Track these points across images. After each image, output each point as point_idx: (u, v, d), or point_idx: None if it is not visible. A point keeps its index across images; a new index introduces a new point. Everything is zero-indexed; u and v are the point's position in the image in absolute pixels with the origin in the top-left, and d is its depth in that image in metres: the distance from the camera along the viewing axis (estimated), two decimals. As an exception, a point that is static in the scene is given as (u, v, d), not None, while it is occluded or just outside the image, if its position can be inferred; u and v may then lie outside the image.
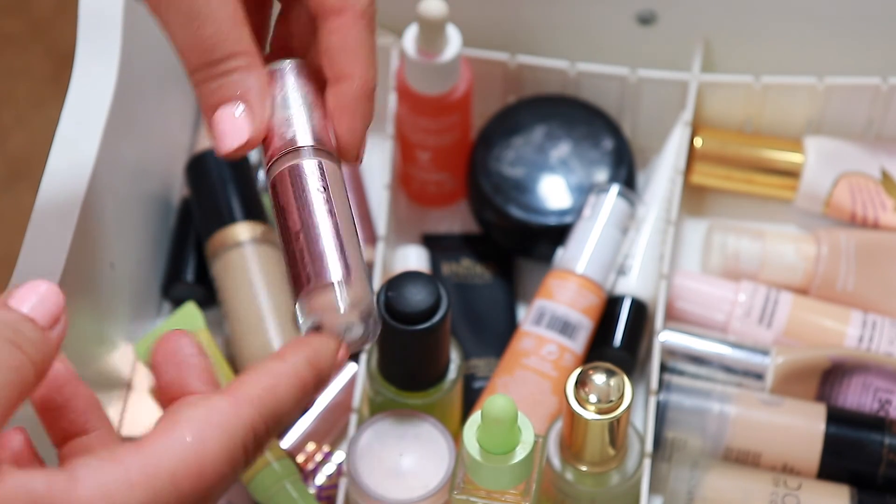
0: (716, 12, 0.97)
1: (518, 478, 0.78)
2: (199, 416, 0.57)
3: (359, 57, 0.66)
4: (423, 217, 1.01)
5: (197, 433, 0.56)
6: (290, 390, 0.60)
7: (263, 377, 0.60)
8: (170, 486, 0.55)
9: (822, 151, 0.98)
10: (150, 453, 0.55)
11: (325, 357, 0.62)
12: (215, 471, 0.56)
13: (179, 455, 0.56)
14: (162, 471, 0.55)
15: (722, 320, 0.93)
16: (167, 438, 0.56)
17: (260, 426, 0.58)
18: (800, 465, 0.86)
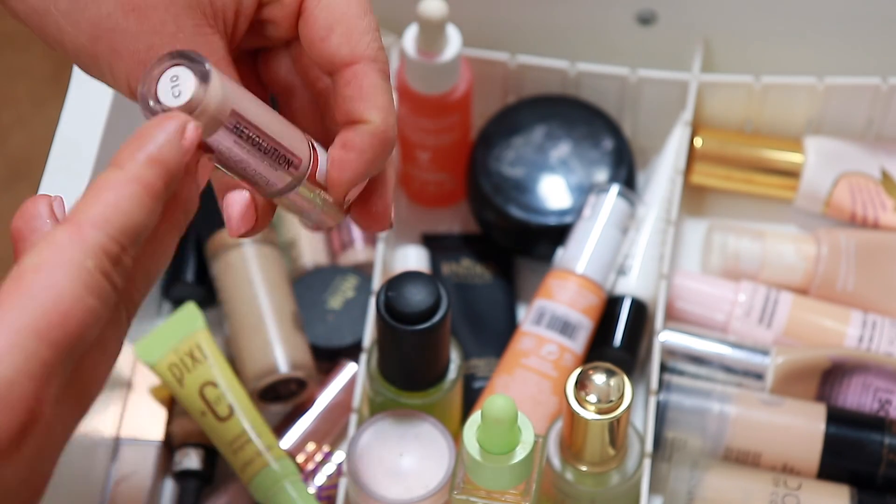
0: (716, 12, 0.97)
1: (518, 478, 0.78)
2: (41, 260, 0.54)
3: (374, 104, 0.65)
4: (423, 217, 1.01)
5: (43, 279, 0.53)
6: (133, 198, 0.55)
7: (102, 193, 0.56)
8: (39, 344, 0.53)
9: (822, 151, 0.98)
10: (10, 316, 0.53)
11: (167, 148, 0.57)
12: (79, 307, 0.53)
13: (37, 307, 0.53)
14: (24, 331, 0.53)
15: (722, 320, 0.93)
16: (17, 297, 0.53)
17: (111, 246, 0.54)
18: (800, 465, 0.86)
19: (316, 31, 0.65)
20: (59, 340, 0.53)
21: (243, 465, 0.85)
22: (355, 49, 0.64)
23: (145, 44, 0.63)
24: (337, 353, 0.93)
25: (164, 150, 0.57)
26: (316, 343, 0.93)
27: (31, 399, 0.52)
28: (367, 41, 0.65)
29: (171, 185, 0.57)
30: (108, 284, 0.54)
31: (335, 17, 0.65)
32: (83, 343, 0.54)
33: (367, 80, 0.64)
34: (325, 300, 0.94)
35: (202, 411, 0.86)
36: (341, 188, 0.65)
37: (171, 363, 0.88)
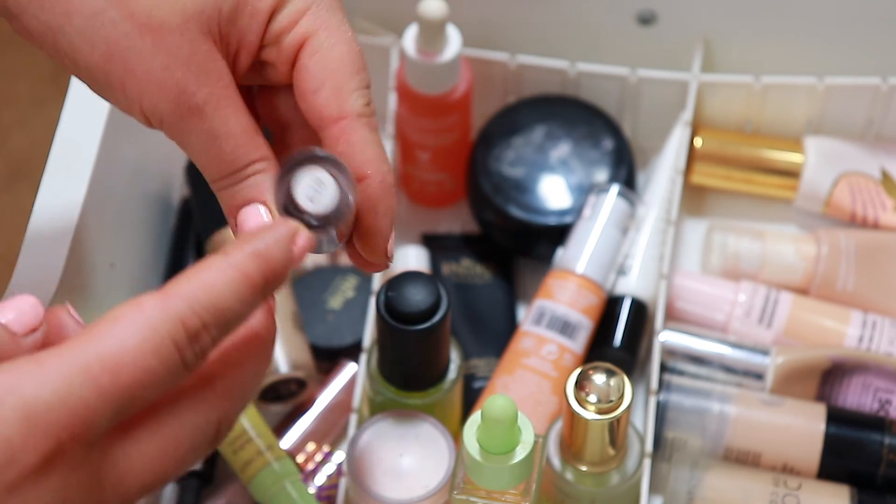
0: (716, 12, 0.97)
1: (518, 478, 0.78)
2: (121, 314, 0.54)
3: (367, 157, 0.66)
4: (423, 217, 1.01)
5: (113, 329, 0.54)
6: (229, 283, 0.56)
7: (200, 272, 0.56)
8: (85, 381, 0.52)
9: (822, 151, 0.98)
10: (68, 352, 0.53)
11: (274, 248, 0.58)
12: (137, 365, 0.53)
13: (95, 350, 0.53)
14: (75, 367, 0.53)
15: (722, 320, 0.93)
16: (85, 337, 0.54)
17: (191, 319, 0.54)
18: (800, 465, 0.86)
19: (307, 84, 0.66)
20: (107, 388, 0.53)
21: (243, 464, 0.85)
22: (343, 106, 0.66)
23: (160, 64, 0.64)
24: (337, 353, 0.93)
25: (272, 249, 0.58)
26: (316, 343, 0.93)
27: (62, 430, 0.52)
28: (355, 98, 0.66)
29: (270, 284, 0.57)
30: (177, 355, 0.54)
31: (327, 73, 0.66)
32: (133, 401, 0.53)
33: (356, 135, 0.66)
34: (325, 300, 0.94)
35: None
36: (381, 252, 0.67)
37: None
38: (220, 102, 0.65)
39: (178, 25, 0.64)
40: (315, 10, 0.66)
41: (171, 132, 0.66)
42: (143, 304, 0.55)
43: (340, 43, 0.66)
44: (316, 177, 0.60)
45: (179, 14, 0.64)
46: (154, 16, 0.64)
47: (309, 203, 0.60)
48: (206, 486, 0.90)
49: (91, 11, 0.64)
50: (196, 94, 0.65)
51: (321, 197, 0.60)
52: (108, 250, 0.87)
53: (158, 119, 0.66)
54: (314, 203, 0.60)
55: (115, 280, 0.89)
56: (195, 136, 0.66)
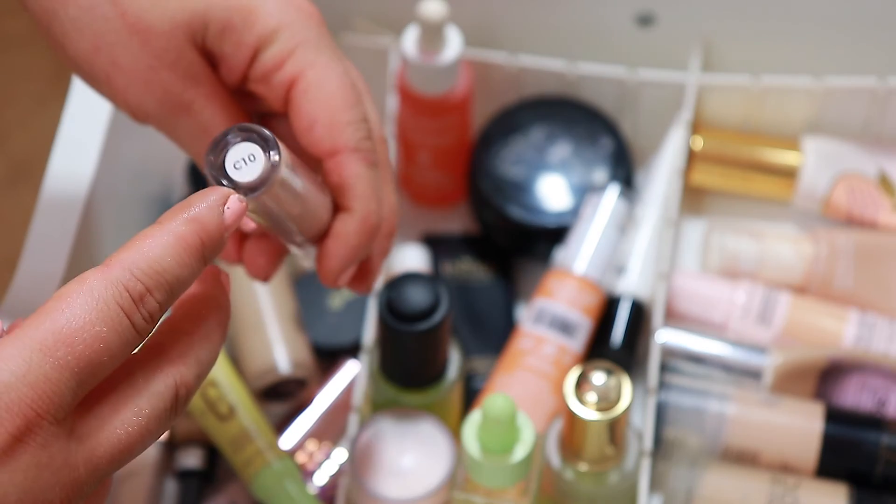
0: (715, 13, 0.98)
1: (517, 477, 0.78)
2: (66, 290, 0.55)
3: (357, 192, 0.68)
4: (423, 217, 1.01)
5: (61, 303, 0.54)
6: (165, 246, 0.56)
7: (137, 241, 0.57)
8: (42, 357, 0.53)
9: (821, 152, 0.98)
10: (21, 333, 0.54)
11: (206, 211, 0.58)
12: (89, 332, 0.54)
13: (46, 326, 0.54)
14: (30, 345, 0.53)
15: (720, 320, 0.93)
16: (34, 316, 0.55)
17: (133, 283, 0.55)
18: (798, 463, 0.86)
19: (301, 121, 0.68)
20: (65, 360, 0.53)
21: (244, 464, 0.85)
22: (337, 141, 0.67)
23: (146, 64, 0.66)
24: (337, 352, 0.93)
25: (203, 212, 0.58)
26: (316, 343, 0.93)
27: (27, 407, 0.52)
28: (350, 132, 0.67)
29: (207, 247, 0.58)
30: (126, 319, 0.55)
31: (320, 110, 0.67)
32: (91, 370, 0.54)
33: (349, 170, 0.67)
34: (325, 300, 0.94)
35: (203, 411, 0.87)
36: (330, 275, 0.68)
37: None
38: (207, 101, 0.67)
39: (166, 31, 0.65)
40: (302, 52, 0.67)
41: (160, 126, 0.68)
42: (86, 277, 0.55)
43: (331, 79, 0.67)
44: (248, 150, 0.60)
45: (168, 21, 0.66)
46: (144, 18, 0.65)
47: (235, 171, 0.60)
48: (207, 485, 0.90)
49: (86, 3, 0.65)
50: (182, 94, 0.66)
51: (249, 168, 0.60)
52: (109, 250, 0.87)
53: (144, 114, 0.67)
54: (241, 173, 0.60)
55: (117, 280, 0.89)
56: (184, 130, 0.67)
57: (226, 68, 0.68)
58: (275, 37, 0.67)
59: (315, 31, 0.68)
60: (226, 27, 0.66)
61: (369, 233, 0.69)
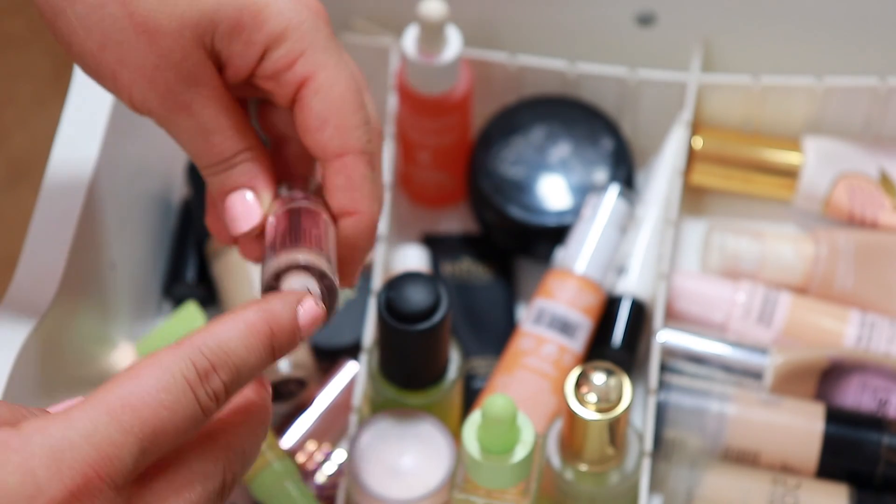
0: (715, 13, 0.98)
1: (518, 477, 0.78)
2: (138, 363, 0.57)
3: (362, 194, 0.69)
4: (423, 217, 1.01)
5: (131, 374, 0.56)
6: (237, 331, 0.59)
7: (210, 325, 0.59)
8: (109, 420, 0.54)
9: (821, 152, 0.98)
10: (92, 399, 0.56)
11: (280, 306, 0.61)
12: (155, 400, 0.56)
13: (115, 393, 0.55)
14: (99, 409, 0.55)
15: (721, 320, 0.93)
16: (106, 386, 0.56)
17: (200, 360, 0.57)
18: (798, 464, 0.86)
19: (310, 121, 0.68)
20: (130, 424, 0.55)
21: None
22: (346, 143, 0.68)
23: (152, 63, 0.66)
24: (337, 352, 0.93)
25: (277, 307, 0.61)
26: (316, 343, 0.93)
27: (88, 466, 0.54)
28: (358, 135, 0.69)
29: (277, 339, 0.60)
30: (191, 392, 0.57)
31: (329, 111, 0.68)
32: (154, 439, 0.56)
33: (356, 171, 0.69)
34: (325, 300, 0.94)
35: None
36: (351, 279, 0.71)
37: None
38: (208, 102, 0.67)
39: (174, 31, 0.66)
40: (311, 54, 0.68)
41: (161, 122, 0.68)
42: (159, 353, 0.58)
43: (340, 81, 0.68)
44: (303, 284, 0.65)
45: (177, 21, 0.66)
46: (151, 18, 0.66)
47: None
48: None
49: (94, 1, 0.66)
50: (184, 93, 0.67)
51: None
52: (108, 250, 0.87)
53: (147, 109, 0.68)
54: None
55: (116, 280, 0.89)
56: (183, 129, 0.68)
57: (233, 67, 0.68)
58: (285, 36, 0.67)
59: (324, 31, 0.68)
60: (235, 26, 0.67)
61: (374, 232, 0.71)
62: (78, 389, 0.83)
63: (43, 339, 0.78)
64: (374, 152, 0.70)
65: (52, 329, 0.79)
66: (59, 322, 0.80)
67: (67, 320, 0.81)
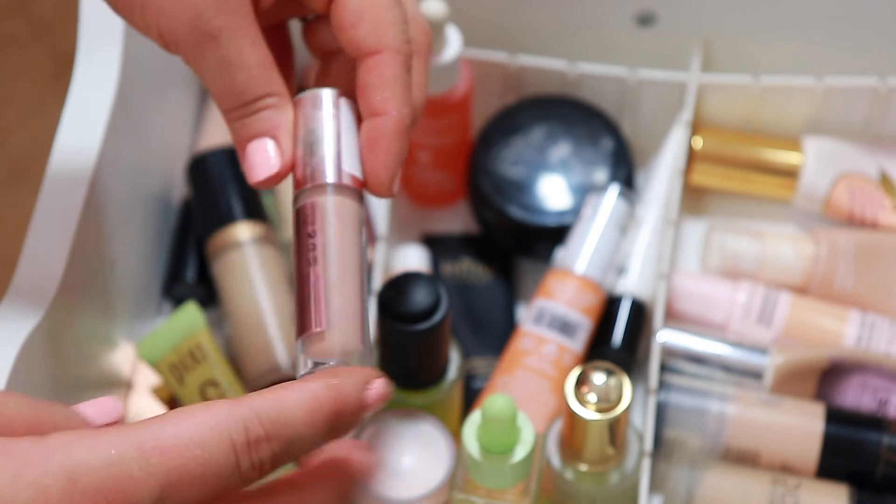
0: (715, 13, 0.98)
1: (518, 477, 0.78)
2: (190, 408, 0.55)
3: (395, 93, 0.67)
4: (423, 217, 1.01)
5: (178, 417, 0.55)
6: (299, 403, 0.57)
7: (275, 390, 0.58)
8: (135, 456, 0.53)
9: (821, 152, 0.98)
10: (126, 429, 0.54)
11: (349, 383, 0.60)
12: (189, 452, 0.54)
13: (152, 432, 0.54)
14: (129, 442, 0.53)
15: (721, 320, 0.93)
16: (148, 420, 0.55)
17: (254, 426, 0.55)
18: (798, 464, 0.86)
19: (346, 18, 0.67)
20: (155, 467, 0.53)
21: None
22: (381, 39, 0.67)
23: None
24: (337, 352, 0.93)
25: (346, 383, 0.59)
26: (316, 343, 0.93)
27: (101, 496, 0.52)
28: (394, 33, 0.67)
29: (341, 416, 0.59)
30: (233, 456, 0.55)
31: (365, 6, 0.67)
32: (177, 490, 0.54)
33: (388, 70, 0.67)
34: (325, 300, 0.94)
35: None
36: (384, 186, 0.68)
37: (172, 363, 0.89)
38: (236, 32, 0.66)
39: None
40: None
41: (187, 56, 0.67)
42: (214, 404, 0.56)
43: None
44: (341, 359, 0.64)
45: None
46: None
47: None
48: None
49: None
50: (212, 20, 0.66)
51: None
52: (108, 250, 0.87)
53: (175, 41, 0.67)
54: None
55: (116, 280, 0.89)
56: (209, 63, 0.67)
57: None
58: None
59: None
60: None
61: (405, 135, 0.68)
62: (78, 389, 0.83)
63: (43, 338, 0.78)
64: (410, 54, 0.68)
65: (53, 329, 0.79)
66: (60, 322, 0.80)
67: (67, 320, 0.81)
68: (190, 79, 1.01)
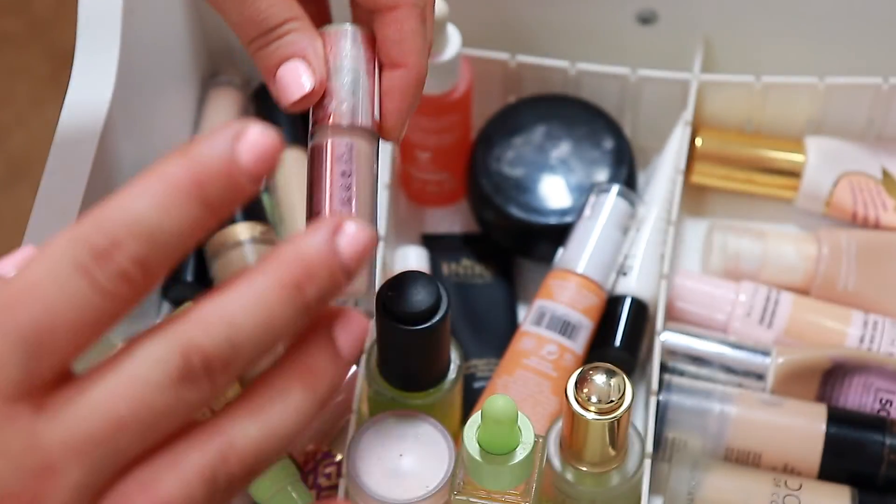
0: (716, 12, 0.97)
1: (518, 478, 0.78)
2: (34, 255, 0.48)
3: (413, 47, 0.70)
4: (423, 217, 1.01)
5: (21, 272, 0.47)
6: (144, 190, 0.47)
7: (118, 192, 0.48)
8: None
9: (823, 151, 0.98)
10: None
11: (209, 148, 0.47)
12: (33, 296, 0.46)
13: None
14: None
15: (722, 320, 0.93)
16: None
17: (95, 237, 0.46)
18: (800, 465, 0.86)
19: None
20: (4, 327, 0.46)
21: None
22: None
23: None
24: (337, 353, 0.93)
25: (201, 146, 0.48)
26: (316, 343, 0.93)
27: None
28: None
29: (207, 187, 0.47)
30: (84, 279, 0.47)
31: None
32: (38, 339, 0.47)
33: (408, 24, 0.70)
34: (324, 300, 0.94)
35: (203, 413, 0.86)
36: (395, 132, 0.71)
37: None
38: None
39: None
40: None
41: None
42: (53, 239, 0.48)
43: None
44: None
45: None
46: None
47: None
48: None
49: None
50: None
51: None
52: (107, 250, 0.87)
53: None
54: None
55: (115, 280, 0.89)
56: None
57: None
58: None
59: None
60: None
61: (421, 85, 0.72)
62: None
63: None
64: (423, 5, 0.71)
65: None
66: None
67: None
68: (189, 78, 1.01)
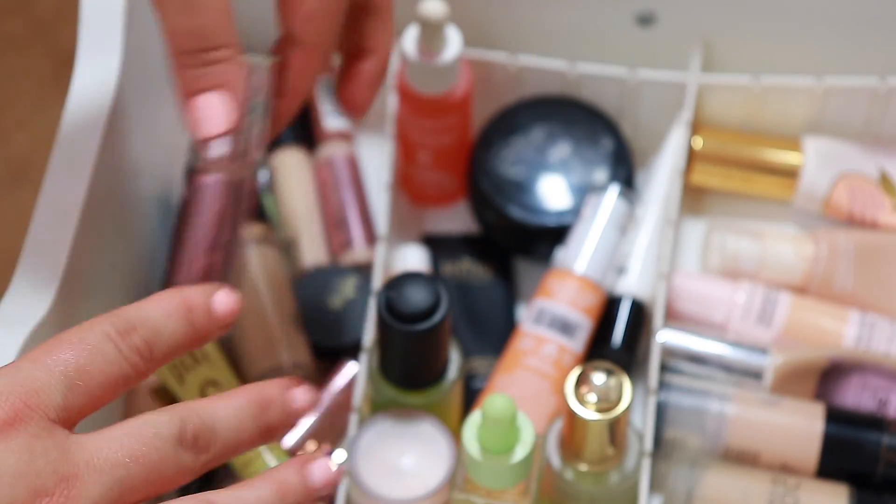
0: (715, 13, 0.98)
1: (518, 477, 0.78)
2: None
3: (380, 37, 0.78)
4: (423, 217, 1.01)
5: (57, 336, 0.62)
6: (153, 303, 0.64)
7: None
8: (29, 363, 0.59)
9: (821, 152, 0.98)
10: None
11: (198, 292, 0.66)
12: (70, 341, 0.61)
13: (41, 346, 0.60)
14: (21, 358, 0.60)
15: (721, 320, 0.93)
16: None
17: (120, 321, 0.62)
18: (798, 464, 0.86)
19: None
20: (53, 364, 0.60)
21: (243, 464, 0.85)
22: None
23: None
24: (337, 352, 0.93)
25: (189, 289, 0.65)
26: (316, 343, 0.93)
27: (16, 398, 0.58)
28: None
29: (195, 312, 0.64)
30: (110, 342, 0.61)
31: None
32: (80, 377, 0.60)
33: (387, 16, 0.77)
34: (325, 300, 0.94)
35: None
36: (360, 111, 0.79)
37: (172, 362, 0.88)
38: None
39: None
40: None
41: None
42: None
43: None
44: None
45: None
46: None
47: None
48: (207, 486, 0.90)
49: None
50: None
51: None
52: (108, 251, 0.87)
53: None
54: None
55: (116, 280, 0.89)
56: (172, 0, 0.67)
57: None
58: None
59: None
60: None
61: (385, 70, 0.78)
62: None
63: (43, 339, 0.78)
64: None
65: (52, 329, 0.79)
66: (60, 322, 0.80)
67: (67, 321, 0.81)
68: (190, 79, 1.01)
